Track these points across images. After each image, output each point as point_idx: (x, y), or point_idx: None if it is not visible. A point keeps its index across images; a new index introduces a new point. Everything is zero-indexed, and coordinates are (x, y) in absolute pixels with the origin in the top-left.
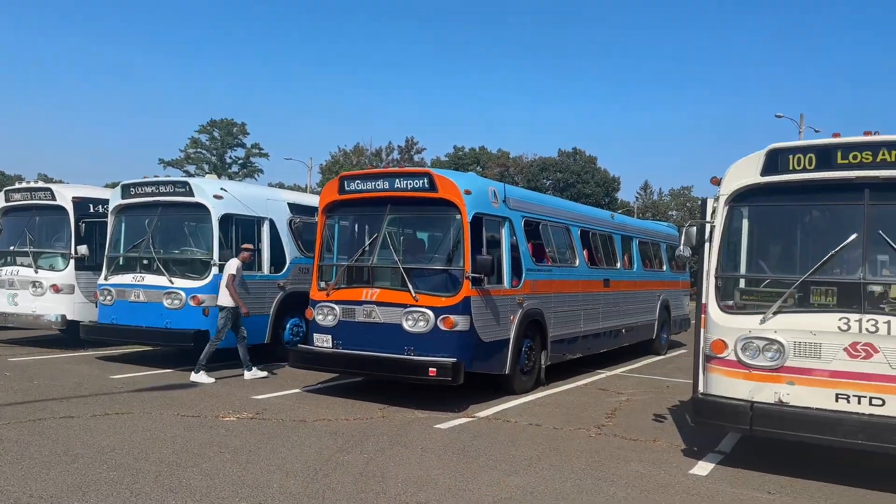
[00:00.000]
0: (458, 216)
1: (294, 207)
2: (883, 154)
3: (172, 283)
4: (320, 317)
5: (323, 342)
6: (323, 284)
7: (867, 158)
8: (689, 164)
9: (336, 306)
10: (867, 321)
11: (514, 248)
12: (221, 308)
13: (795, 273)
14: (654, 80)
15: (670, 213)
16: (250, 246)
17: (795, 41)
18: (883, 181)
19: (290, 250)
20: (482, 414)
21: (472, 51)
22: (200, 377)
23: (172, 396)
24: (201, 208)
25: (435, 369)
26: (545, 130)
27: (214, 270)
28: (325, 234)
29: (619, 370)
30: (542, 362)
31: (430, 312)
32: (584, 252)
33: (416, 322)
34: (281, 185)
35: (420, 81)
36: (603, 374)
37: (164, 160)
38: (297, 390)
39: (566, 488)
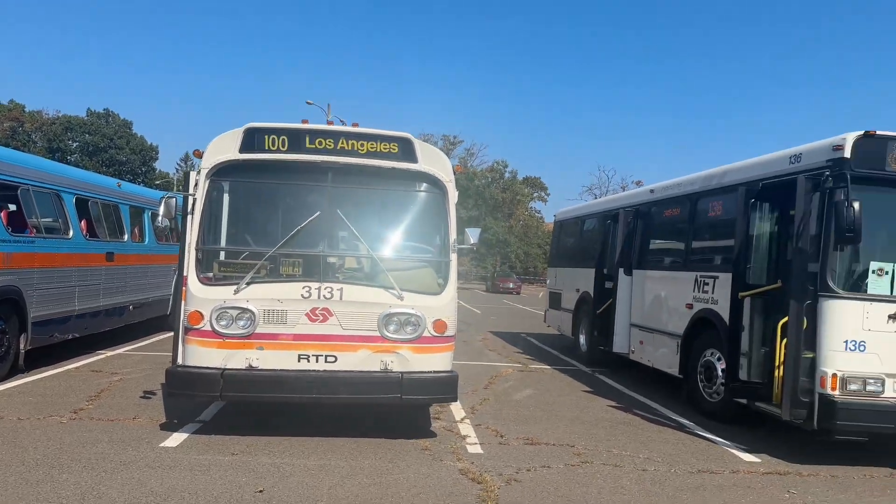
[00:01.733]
0: None
1: None
2: (342, 143)
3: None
4: None
5: None
6: None
7: (329, 145)
8: None
9: None
10: (325, 289)
11: None
12: None
13: (269, 246)
14: (196, 44)
15: None
16: None
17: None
18: (342, 166)
19: None
20: None
21: None
22: None
23: None
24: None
25: None
26: (72, 86)
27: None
28: None
29: (124, 349)
30: (22, 347)
31: None
32: (82, 222)
33: None
34: None
35: None
36: (104, 355)
37: None
38: None
39: (9, 483)
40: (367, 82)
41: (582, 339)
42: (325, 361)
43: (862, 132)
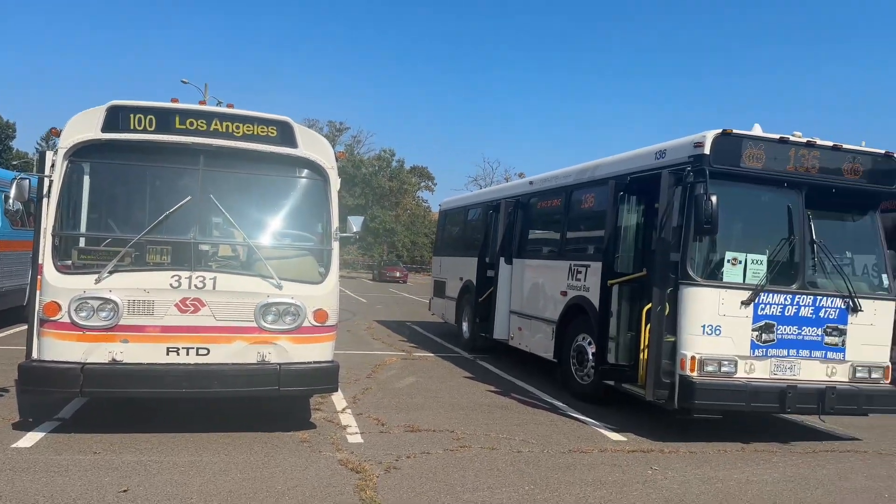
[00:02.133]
0: None
1: None
2: (216, 125)
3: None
4: None
5: None
6: None
7: (202, 126)
8: None
9: None
10: (196, 278)
11: None
12: None
13: (134, 232)
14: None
15: None
16: None
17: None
18: (215, 149)
19: None
20: None
21: None
22: None
23: None
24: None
25: None
26: None
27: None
28: None
29: None
30: None
31: None
32: None
33: None
34: None
35: None
36: None
37: None
38: None
39: None
40: (249, 66)
41: (465, 326)
42: (197, 354)
43: (720, 130)
